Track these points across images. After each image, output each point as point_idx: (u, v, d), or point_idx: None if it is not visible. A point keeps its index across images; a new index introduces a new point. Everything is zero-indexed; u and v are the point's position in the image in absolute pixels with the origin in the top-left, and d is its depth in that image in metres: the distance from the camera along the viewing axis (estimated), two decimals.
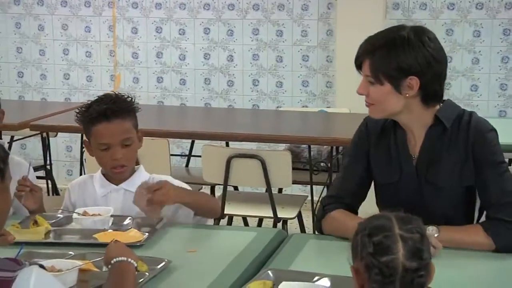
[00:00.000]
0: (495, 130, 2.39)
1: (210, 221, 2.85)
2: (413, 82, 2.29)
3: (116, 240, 2.10)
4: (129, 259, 1.95)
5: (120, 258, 1.94)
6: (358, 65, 2.36)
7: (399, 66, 2.28)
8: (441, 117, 2.37)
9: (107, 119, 2.60)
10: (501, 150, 2.38)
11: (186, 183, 4.34)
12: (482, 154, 2.35)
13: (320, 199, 2.58)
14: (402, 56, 2.27)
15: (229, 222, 4.24)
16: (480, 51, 5.40)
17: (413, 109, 2.35)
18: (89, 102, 2.69)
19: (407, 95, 2.30)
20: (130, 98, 2.70)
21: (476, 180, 2.37)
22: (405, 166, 2.41)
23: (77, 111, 2.69)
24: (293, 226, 4.69)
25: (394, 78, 2.29)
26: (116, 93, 2.74)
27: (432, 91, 2.33)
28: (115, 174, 2.69)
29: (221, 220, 4.09)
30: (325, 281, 2.00)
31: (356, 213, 2.49)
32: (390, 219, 1.56)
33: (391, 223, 1.55)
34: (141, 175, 2.73)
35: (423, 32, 2.32)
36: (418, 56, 2.27)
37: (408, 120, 2.39)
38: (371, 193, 2.55)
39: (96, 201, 2.70)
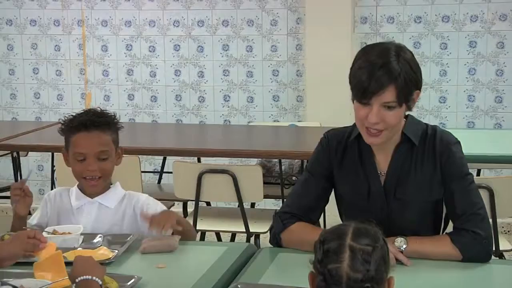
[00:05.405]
0: (459, 142, 2.40)
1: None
2: (416, 94, 2.29)
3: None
4: (94, 277, 1.94)
5: (84, 277, 1.94)
6: (371, 96, 2.22)
7: (416, 81, 2.26)
8: (409, 134, 2.37)
9: (86, 129, 2.66)
10: (466, 162, 2.40)
11: (158, 199, 4.32)
12: (449, 167, 2.35)
13: (276, 212, 2.55)
14: (412, 72, 2.24)
15: (202, 238, 4.24)
16: (447, 63, 5.47)
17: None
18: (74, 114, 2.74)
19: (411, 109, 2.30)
20: (113, 115, 2.76)
21: (443, 191, 2.38)
22: (373, 184, 2.39)
23: (61, 121, 2.75)
24: (266, 240, 4.69)
25: (411, 95, 2.27)
26: (101, 108, 2.79)
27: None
28: (87, 185, 2.70)
29: None
30: None
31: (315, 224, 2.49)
32: (348, 228, 1.57)
33: (346, 232, 1.56)
34: (117, 191, 2.76)
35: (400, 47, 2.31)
36: (417, 70, 2.28)
37: None
38: None
39: (70, 214, 2.72)
